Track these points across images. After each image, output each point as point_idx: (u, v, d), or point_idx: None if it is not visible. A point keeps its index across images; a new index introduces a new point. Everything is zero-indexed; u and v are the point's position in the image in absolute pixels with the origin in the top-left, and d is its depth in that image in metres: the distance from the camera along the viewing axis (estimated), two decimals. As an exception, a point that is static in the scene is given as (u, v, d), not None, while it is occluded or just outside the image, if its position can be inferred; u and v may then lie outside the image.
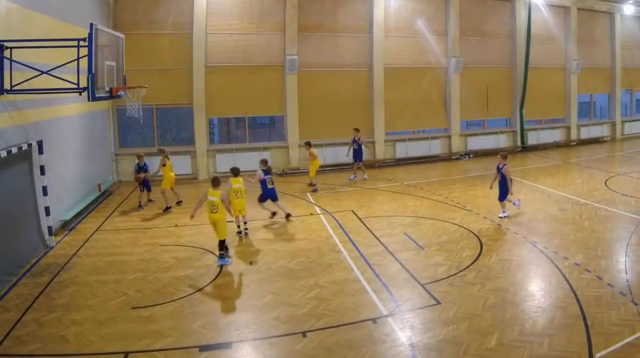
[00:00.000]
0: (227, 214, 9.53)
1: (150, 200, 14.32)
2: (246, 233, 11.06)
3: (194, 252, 10.01)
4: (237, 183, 10.80)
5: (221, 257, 9.30)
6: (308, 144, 15.80)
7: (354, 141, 16.90)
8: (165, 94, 17.36)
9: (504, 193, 11.84)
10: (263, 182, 11.97)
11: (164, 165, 13.53)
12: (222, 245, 9.36)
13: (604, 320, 6.67)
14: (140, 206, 13.78)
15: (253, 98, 18.38)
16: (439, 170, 18.76)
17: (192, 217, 9.73)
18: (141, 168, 13.78)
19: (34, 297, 7.91)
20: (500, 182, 11.90)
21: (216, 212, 9.29)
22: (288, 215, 12.19)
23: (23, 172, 9.92)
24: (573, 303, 7.21)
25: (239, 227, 11.00)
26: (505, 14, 22.09)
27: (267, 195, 12.09)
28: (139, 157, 13.96)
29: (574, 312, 6.94)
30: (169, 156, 13.78)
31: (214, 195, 9.29)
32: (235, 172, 10.96)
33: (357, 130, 17.08)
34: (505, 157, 11.98)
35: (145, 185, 13.89)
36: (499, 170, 11.91)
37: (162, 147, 14.81)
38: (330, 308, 7.39)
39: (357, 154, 16.95)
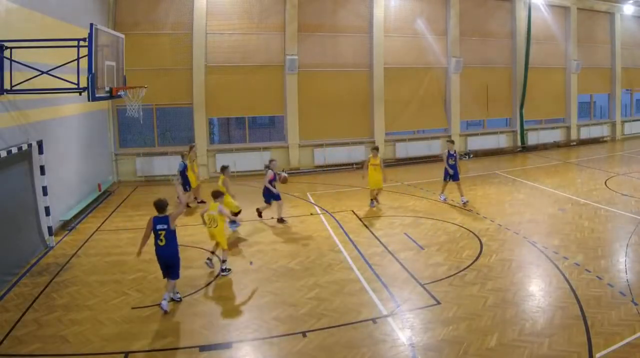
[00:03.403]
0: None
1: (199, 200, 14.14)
2: (226, 271, 8.90)
3: (194, 252, 10.00)
4: (213, 209, 8.86)
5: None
6: (377, 149, 13.38)
7: (450, 155, 13.53)
8: (165, 94, 17.38)
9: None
10: (271, 182, 11.80)
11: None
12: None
13: (604, 320, 6.67)
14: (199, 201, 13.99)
15: (253, 98, 18.38)
16: (439, 170, 18.68)
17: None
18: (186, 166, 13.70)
19: (34, 297, 7.91)
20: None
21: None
22: (281, 219, 12.02)
23: (23, 172, 9.91)
24: (573, 303, 7.21)
25: (212, 253, 9.23)
26: (505, 14, 22.09)
27: (273, 196, 11.92)
28: (183, 156, 13.90)
29: (574, 312, 6.94)
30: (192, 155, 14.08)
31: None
32: (214, 195, 9.03)
33: (451, 142, 14.34)
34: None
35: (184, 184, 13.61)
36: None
37: (192, 144, 15.13)
38: (330, 308, 7.39)
39: (455, 170, 13.49)
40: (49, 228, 10.54)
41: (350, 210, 12.93)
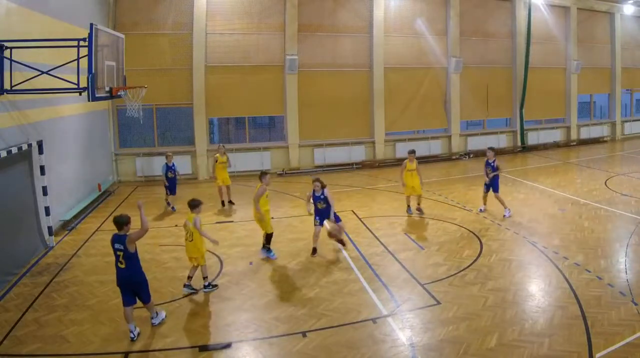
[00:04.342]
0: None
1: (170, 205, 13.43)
2: (210, 286, 8.16)
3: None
4: (190, 220, 7.93)
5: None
6: (413, 153, 12.33)
7: (488, 164, 12.34)
8: (165, 94, 17.40)
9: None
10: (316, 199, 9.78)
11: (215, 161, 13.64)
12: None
13: (604, 320, 6.67)
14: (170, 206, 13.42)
15: (253, 98, 18.38)
16: (439, 170, 18.74)
17: None
18: (169, 168, 13.11)
19: (34, 297, 7.91)
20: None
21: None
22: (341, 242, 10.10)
23: (23, 172, 9.91)
24: (573, 303, 7.21)
25: (189, 278, 8.10)
26: (505, 14, 22.10)
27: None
28: (167, 156, 13.29)
29: (574, 312, 6.94)
30: (221, 153, 13.75)
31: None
32: (190, 205, 8.02)
33: (492, 149, 12.67)
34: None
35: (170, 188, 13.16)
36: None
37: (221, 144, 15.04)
38: (330, 308, 7.39)
39: (494, 181, 12.23)
40: (49, 228, 10.54)
41: (350, 210, 12.93)
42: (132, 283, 6.64)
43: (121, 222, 6.60)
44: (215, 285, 8.21)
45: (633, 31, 25.56)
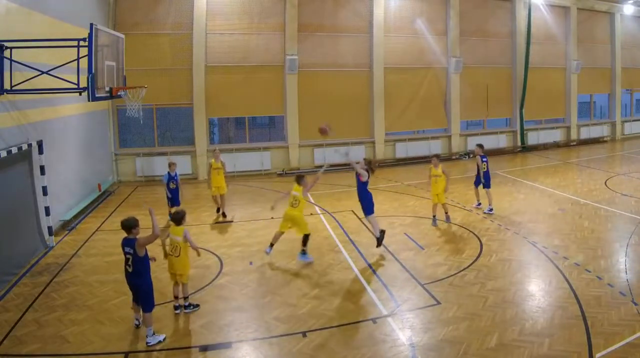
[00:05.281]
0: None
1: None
2: (191, 306, 7.49)
3: (193, 252, 9.96)
4: (178, 234, 7.32)
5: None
6: (437, 157, 11.92)
7: (483, 159, 12.56)
8: (165, 94, 17.39)
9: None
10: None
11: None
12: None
13: (604, 320, 6.67)
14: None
15: (253, 98, 18.38)
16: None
17: None
18: (172, 178, 11.93)
19: (34, 297, 7.91)
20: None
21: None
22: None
23: (23, 172, 9.91)
24: (573, 303, 7.21)
25: (176, 298, 7.47)
26: (505, 14, 22.10)
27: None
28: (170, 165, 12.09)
29: (574, 312, 6.94)
30: (216, 157, 12.45)
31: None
32: (175, 219, 7.45)
33: (480, 146, 12.80)
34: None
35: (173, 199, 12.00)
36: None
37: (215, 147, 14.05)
38: (330, 308, 7.39)
39: (485, 176, 12.45)
40: (49, 228, 10.54)
41: (350, 210, 12.93)
42: (136, 288, 6.58)
43: (128, 226, 6.44)
44: (197, 305, 7.51)
45: (633, 31, 25.56)
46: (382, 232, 9.69)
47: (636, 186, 14.73)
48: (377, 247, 9.58)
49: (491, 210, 12.25)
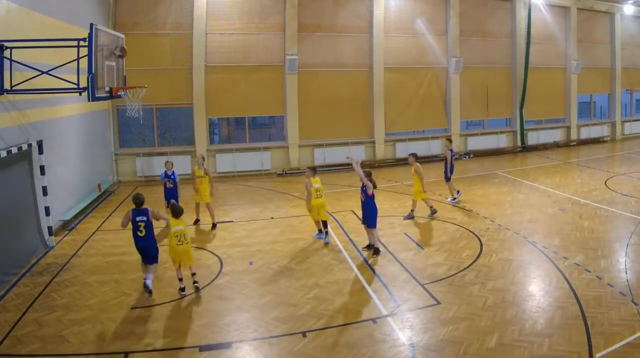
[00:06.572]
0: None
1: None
2: (197, 288, 8.07)
3: (193, 252, 9.98)
4: (181, 224, 7.96)
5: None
6: (412, 156, 12.40)
7: (452, 152, 13.96)
8: (165, 94, 17.40)
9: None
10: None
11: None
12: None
13: (604, 320, 6.67)
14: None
15: (253, 98, 18.38)
16: (439, 170, 18.70)
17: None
18: (168, 177, 11.81)
19: (34, 297, 7.91)
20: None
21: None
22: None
23: (23, 172, 9.91)
24: (573, 303, 7.21)
25: (180, 280, 8.06)
26: (505, 14, 22.10)
27: None
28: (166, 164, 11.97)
29: (574, 312, 6.94)
30: (199, 163, 11.84)
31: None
32: (175, 212, 8.01)
33: (449, 140, 14.86)
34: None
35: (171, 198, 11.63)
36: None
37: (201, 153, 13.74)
38: (330, 308, 7.39)
39: (451, 169, 13.76)
40: (49, 228, 10.53)
41: (350, 210, 12.93)
42: (148, 249, 7.95)
43: (142, 199, 8.01)
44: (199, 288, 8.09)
45: (633, 31, 25.55)
46: (378, 250, 9.70)
47: (636, 186, 14.73)
48: (372, 255, 9.55)
49: (454, 199, 13.45)
